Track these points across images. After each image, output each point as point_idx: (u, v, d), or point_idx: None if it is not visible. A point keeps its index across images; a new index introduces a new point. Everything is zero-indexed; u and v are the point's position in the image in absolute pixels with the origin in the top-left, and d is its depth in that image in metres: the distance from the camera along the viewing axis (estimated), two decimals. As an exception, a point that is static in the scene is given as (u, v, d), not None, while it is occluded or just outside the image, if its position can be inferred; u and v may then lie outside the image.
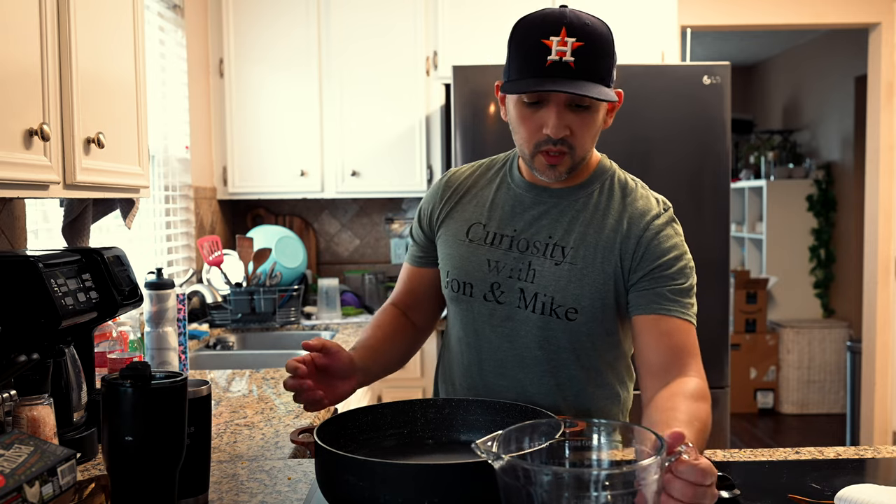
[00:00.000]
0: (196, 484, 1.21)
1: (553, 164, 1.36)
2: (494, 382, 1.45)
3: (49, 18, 1.46)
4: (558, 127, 1.31)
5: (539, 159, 1.36)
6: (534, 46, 1.28)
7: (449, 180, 1.55)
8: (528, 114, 1.34)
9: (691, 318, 1.38)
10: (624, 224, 1.40)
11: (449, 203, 1.52)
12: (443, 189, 1.54)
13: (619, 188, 1.46)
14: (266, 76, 3.59)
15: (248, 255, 3.25)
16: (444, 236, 1.51)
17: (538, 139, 1.34)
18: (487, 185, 1.51)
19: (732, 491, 1.19)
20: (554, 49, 1.26)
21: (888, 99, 4.36)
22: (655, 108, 3.00)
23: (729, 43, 6.33)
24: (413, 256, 1.59)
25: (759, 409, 5.87)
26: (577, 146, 1.35)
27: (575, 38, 1.27)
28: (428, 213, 1.55)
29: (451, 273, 1.47)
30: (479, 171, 1.54)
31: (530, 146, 1.36)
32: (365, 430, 1.31)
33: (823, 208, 6.10)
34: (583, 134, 1.35)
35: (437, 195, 1.55)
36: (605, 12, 3.50)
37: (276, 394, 2.08)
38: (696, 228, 3.03)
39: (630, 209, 1.42)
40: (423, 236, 1.56)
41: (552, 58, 1.26)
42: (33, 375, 1.34)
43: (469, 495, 1.05)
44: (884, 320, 4.48)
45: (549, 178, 1.39)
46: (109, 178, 1.71)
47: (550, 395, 1.43)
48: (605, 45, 1.32)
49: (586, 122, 1.34)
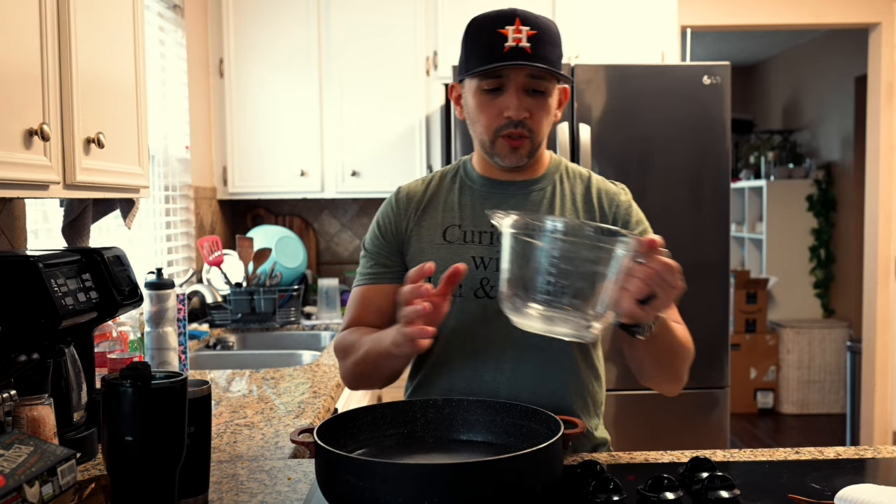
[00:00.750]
0: (196, 484, 1.21)
1: (515, 147, 1.42)
2: (493, 378, 1.45)
3: (49, 19, 1.46)
4: (519, 108, 1.39)
5: (501, 143, 1.43)
6: (491, 36, 1.37)
7: (408, 194, 1.54)
8: (488, 100, 1.41)
9: None
10: (595, 204, 1.49)
11: (414, 214, 1.51)
12: (404, 202, 1.53)
13: (577, 175, 1.54)
14: (266, 76, 3.59)
15: (248, 255, 3.25)
16: (416, 245, 1.49)
17: (499, 124, 1.41)
18: (448, 192, 1.52)
19: (732, 491, 1.19)
20: (510, 36, 1.36)
21: (888, 99, 4.36)
22: (655, 108, 3.00)
23: (729, 43, 6.33)
24: (376, 275, 1.52)
25: (759, 409, 5.87)
26: (536, 129, 1.43)
27: (528, 27, 1.37)
28: (391, 226, 1.52)
29: (435, 277, 1.46)
30: (433, 182, 1.55)
31: (490, 132, 1.43)
32: (365, 430, 1.31)
33: (823, 208, 6.10)
34: (540, 118, 1.42)
35: (397, 209, 1.53)
36: (605, 12, 3.54)
37: (276, 394, 2.08)
38: (696, 228, 3.03)
39: (596, 190, 1.51)
40: (388, 250, 1.52)
41: (509, 44, 1.36)
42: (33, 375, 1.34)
43: (469, 495, 1.05)
44: (884, 320, 4.48)
45: (510, 162, 1.44)
46: (109, 178, 1.71)
47: (552, 380, 1.45)
48: (555, 36, 1.42)
49: (542, 106, 1.42)
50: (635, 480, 1.26)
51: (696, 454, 1.37)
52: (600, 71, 3.00)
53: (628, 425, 3.05)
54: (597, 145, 2.98)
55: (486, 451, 1.27)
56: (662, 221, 3.01)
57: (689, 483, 1.24)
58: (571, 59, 3.42)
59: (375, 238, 1.54)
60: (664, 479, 1.20)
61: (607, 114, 3.00)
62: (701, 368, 3.05)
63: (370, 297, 1.52)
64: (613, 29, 3.53)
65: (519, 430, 1.29)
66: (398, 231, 1.52)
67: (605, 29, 3.53)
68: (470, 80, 1.44)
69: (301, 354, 2.79)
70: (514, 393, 1.43)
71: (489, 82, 1.40)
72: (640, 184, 3.02)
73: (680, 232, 3.02)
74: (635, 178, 3.02)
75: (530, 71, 1.38)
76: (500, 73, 1.39)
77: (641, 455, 1.44)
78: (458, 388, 1.46)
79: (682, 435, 3.03)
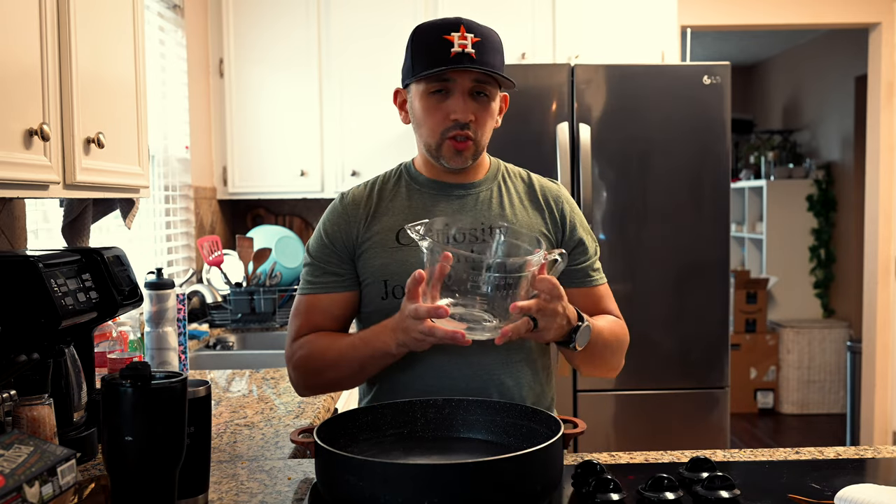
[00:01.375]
0: (196, 484, 1.21)
1: (460, 150, 1.46)
2: (459, 374, 1.43)
3: (49, 18, 1.46)
4: (465, 111, 1.43)
5: (447, 145, 1.46)
6: (436, 41, 1.41)
7: (353, 199, 1.53)
8: (434, 103, 1.45)
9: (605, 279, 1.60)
10: (541, 201, 1.55)
11: (364, 220, 1.50)
12: (350, 207, 1.52)
13: (517, 175, 1.59)
14: (266, 76, 3.59)
15: (248, 255, 3.25)
16: (369, 251, 1.48)
17: (445, 126, 1.44)
18: (394, 196, 1.53)
19: (732, 491, 1.19)
20: (456, 42, 1.40)
21: (888, 99, 4.36)
22: (655, 108, 3.00)
23: (729, 43, 6.33)
24: (327, 284, 1.49)
25: (759, 409, 5.87)
26: (480, 132, 1.46)
27: (473, 35, 1.41)
28: (341, 233, 1.50)
29: (393, 280, 1.45)
30: (377, 187, 1.55)
31: (437, 135, 1.46)
32: (365, 430, 1.31)
33: (823, 208, 6.10)
34: (484, 121, 1.46)
35: (345, 215, 1.51)
36: (605, 12, 3.54)
37: (276, 394, 2.08)
38: (696, 228, 3.03)
39: (539, 187, 1.57)
40: (338, 258, 1.50)
41: (455, 49, 1.40)
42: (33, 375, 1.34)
43: (469, 495, 1.05)
44: (884, 320, 4.48)
45: (455, 164, 1.47)
46: (109, 178, 1.71)
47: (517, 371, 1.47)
48: (498, 44, 1.46)
49: (487, 110, 1.46)
50: (635, 480, 1.26)
51: (696, 454, 1.37)
52: (600, 71, 3.00)
53: (628, 425, 3.05)
54: (597, 145, 2.98)
55: (486, 451, 1.27)
56: (662, 221, 3.03)
57: (689, 483, 1.25)
58: (571, 59, 3.42)
59: (324, 246, 1.51)
60: (664, 479, 1.20)
61: (607, 114, 3.00)
62: (701, 368, 3.07)
63: (322, 306, 1.50)
64: (613, 29, 3.53)
65: (519, 430, 1.30)
66: (349, 237, 1.50)
67: (605, 29, 3.53)
68: (416, 84, 1.46)
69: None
70: (481, 387, 1.44)
71: (435, 85, 1.43)
72: (640, 184, 3.02)
73: (680, 232, 3.02)
74: (635, 178, 3.02)
75: (476, 75, 1.42)
76: (447, 77, 1.42)
77: (641, 455, 1.44)
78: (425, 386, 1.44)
79: (682, 435, 3.03)
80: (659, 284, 3.03)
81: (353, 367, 1.43)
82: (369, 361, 1.41)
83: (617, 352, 1.53)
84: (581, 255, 1.54)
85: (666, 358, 3.05)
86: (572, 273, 1.53)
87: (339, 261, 1.50)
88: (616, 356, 1.53)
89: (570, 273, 1.52)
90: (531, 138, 2.96)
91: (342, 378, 1.48)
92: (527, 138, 2.96)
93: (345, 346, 1.44)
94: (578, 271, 1.54)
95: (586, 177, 2.94)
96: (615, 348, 1.51)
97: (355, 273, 1.51)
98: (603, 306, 1.56)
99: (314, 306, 1.50)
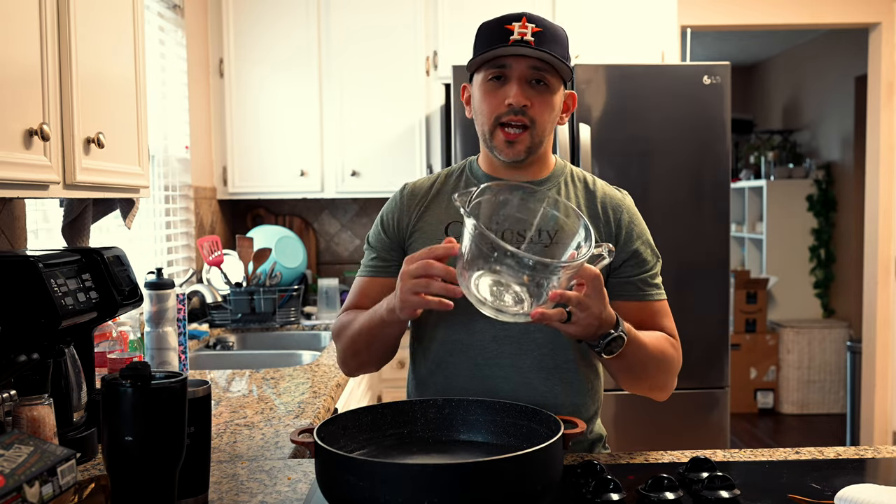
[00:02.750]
0: (196, 484, 1.21)
1: (511, 141, 1.43)
2: (492, 374, 1.45)
3: (49, 18, 1.46)
4: (519, 96, 1.40)
5: (498, 135, 1.44)
6: (497, 30, 1.41)
7: (412, 190, 1.56)
8: (491, 89, 1.43)
9: (664, 295, 1.52)
10: (599, 210, 1.50)
11: (417, 210, 1.53)
12: (408, 198, 1.55)
13: (580, 180, 1.55)
14: (266, 76, 3.59)
15: (248, 255, 3.25)
16: (418, 241, 1.50)
17: (499, 112, 1.43)
18: (453, 189, 1.54)
19: (732, 491, 1.19)
20: (516, 31, 1.40)
21: (888, 99, 4.36)
22: (655, 108, 3.00)
23: (729, 43, 6.33)
24: (376, 268, 1.54)
25: (759, 409, 5.87)
26: (537, 121, 1.43)
27: (534, 25, 1.40)
28: (394, 221, 1.54)
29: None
30: (439, 180, 1.57)
31: (491, 121, 1.44)
32: (365, 430, 1.31)
33: (823, 208, 6.10)
34: (542, 109, 1.43)
35: (401, 205, 1.55)
36: (605, 12, 3.54)
37: (276, 394, 2.08)
38: (696, 228, 3.03)
39: (601, 195, 1.52)
40: (388, 245, 1.54)
41: (514, 37, 1.39)
42: (33, 375, 1.34)
43: (469, 495, 1.05)
44: (884, 320, 4.48)
45: (508, 156, 1.44)
46: (109, 178, 1.71)
47: (550, 377, 1.45)
48: (561, 37, 1.44)
49: (545, 98, 1.43)
50: (635, 480, 1.26)
51: (696, 454, 1.37)
52: (600, 71, 3.00)
53: (628, 425, 3.05)
54: (597, 145, 2.98)
55: (486, 451, 1.27)
56: (662, 221, 3.03)
57: (689, 483, 1.25)
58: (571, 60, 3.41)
59: (378, 233, 1.56)
60: (664, 479, 1.20)
61: (607, 114, 2.99)
62: (701, 368, 3.06)
63: (368, 289, 1.55)
64: (613, 29, 3.53)
65: (519, 430, 1.29)
66: (400, 226, 1.53)
67: (605, 29, 3.53)
68: (477, 74, 1.47)
69: (301, 354, 2.79)
70: (513, 389, 1.43)
71: (493, 72, 1.42)
72: (641, 184, 3.02)
73: (680, 232, 3.02)
74: (635, 177, 3.02)
75: (533, 62, 1.40)
76: (504, 64, 1.41)
77: (641, 455, 1.44)
78: (457, 384, 1.46)
79: (682, 435, 3.03)
80: (659, 284, 3.02)
81: (362, 338, 1.46)
82: (374, 331, 1.43)
83: (662, 370, 1.45)
84: (635, 268, 1.48)
85: (666, 358, 3.04)
86: (624, 286, 1.48)
87: (388, 248, 1.54)
88: (661, 375, 1.46)
89: (622, 286, 1.48)
90: (531, 138, 2.95)
91: (357, 351, 1.50)
92: (527, 138, 2.96)
93: (359, 318, 1.47)
94: (630, 284, 1.48)
95: (586, 177, 2.94)
96: (659, 366, 1.44)
97: (400, 260, 1.51)
98: (657, 322, 1.49)
99: (362, 288, 1.56)
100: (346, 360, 1.55)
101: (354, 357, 1.53)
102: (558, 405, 1.45)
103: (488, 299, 1.22)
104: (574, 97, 1.53)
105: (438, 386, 1.49)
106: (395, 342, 1.48)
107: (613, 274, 1.48)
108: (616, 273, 1.48)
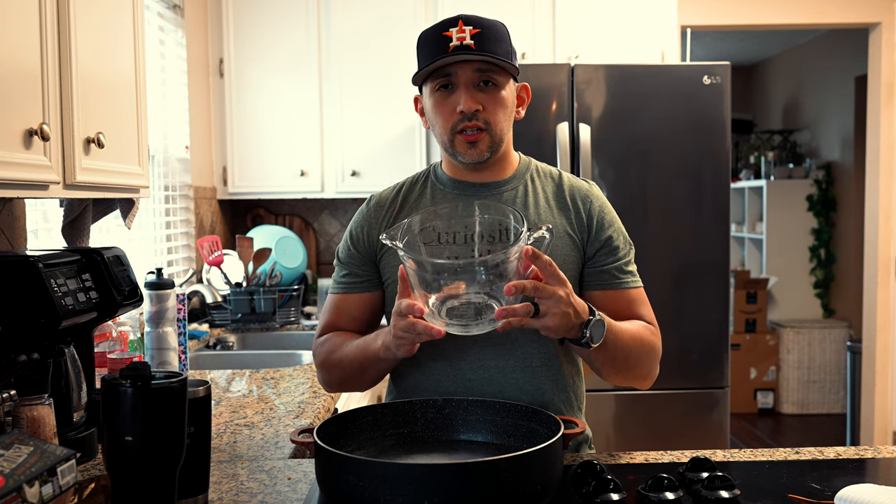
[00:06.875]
0: (196, 484, 1.21)
1: (472, 142, 1.43)
2: (476, 377, 1.44)
3: (49, 18, 1.46)
4: (469, 101, 1.40)
5: (458, 140, 1.44)
6: (436, 39, 1.40)
7: (378, 202, 1.55)
8: (441, 99, 1.43)
9: (640, 283, 1.52)
10: (569, 202, 1.50)
11: (386, 221, 1.52)
12: (375, 210, 1.54)
13: (548, 174, 1.55)
14: (266, 76, 3.59)
15: (248, 255, 3.25)
16: (390, 252, 1.49)
17: (454, 120, 1.42)
18: (420, 196, 1.54)
19: (732, 491, 1.19)
20: (455, 36, 1.39)
21: (888, 99, 4.36)
22: (655, 108, 3.00)
23: (729, 43, 6.33)
24: (349, 284, 1.53)
25: (759, 409, 5.87)
26: (492, 122, 1.43)
27: (472, 27, 1.39)
28: (364, 235, 1.53)
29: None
30: (405, 188, 1.57)
31: (448, 131, 1.44)
32: (365, 430, 1.31)
33: (823, 208, 6.10)
34: (494, 109, 1.42)
35: (370, 217, 1.54)
36: (605, 12, 3.54)
37: (276, 394, 2.08)
38: (696, 228, 3.03)
39: (569, 188, 1.52)
40: (359, 259, 1.53)
41: (454, 43, 1.38)
42: (33, 375, 1.34)
43: (469, 495, 1.05)
44: (884, 320, 4.48)
45: (471, 157, 1.44)
46: (109, 178, 1.71)
47: (536, 375, 1.45)
48: (501, 33, 1.42)
49: (496, 98, 1.42)
50: (635, 480, 1.26)
51: (696, 454, 1.37)
52: (600, 71, 3.00)
53: (628, 425, 3.05)
54: (597, 145, 2.98)
55: (486, 451, 1.27)
56: (663, 221, 3.03)
57: (689, 483, 1.25)
58: (571, 59, 3.42)
59: (348, 248, 1.54)
60: (664, 479, 1.20)
61: (607, 114, 2.99)
62: (701, 368, 3.06)
63: (343, 306, 1.54)
64: (613, 29, 3.53)
65: (519, 430, 1.30)
66: (370, 240, 1.52)
67: (605, 29, 3.52)
68: (425, 86, 1.47)
69: (301, 354, 2.79)
70: (498, 391, 1.43)
71: (440, 81, 1.42)
72: (640, 184, 3.02)
73: (680, 232, 3.02)
74: (635, 178, 3.02)
75: (478, 65, 1.40)
76: (449, 72, 1.41)
77: (641, 455, 1.44)
78: (441, 388, 1.45)
79: (682, 435, 3.03)
80: (659, 284, 3.02)
81: (353, 367, 1.45)
82: (367, 364, 1.43)
83: (643, 358, 1.45)
84: (608, 256, 1.48)
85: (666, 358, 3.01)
86: (599, 274, 1.47)
87: (359, 262, 1.53)
88: (643, 363, 1.46)
89: (597, 275, 1.47)
90: (531, 138, 2.96)
91: (346, 378, 1.49)
92: (527, 138, 2.96)
93: (349, 347, 1.46)
94: (605, 272, 1.47)
95: (586, 177, 2.94)
96: (640, 353, 1.44)
97: (376, 275, 1.52)
98: (633, 311, 1.48)
99: (337, 306, 1.55)
100: (330, 385, 1.54)
101: (341, 385, 1.53)
102: (546, 403, 1.45)
103: (450, 321, 1.24)
104: (527, 88, 1.52)
105: (422, 392, 1.48)
106: (387, 372, 1.48)
107: (588, 264, 1.48)
108: (591, 263, 1.48)
